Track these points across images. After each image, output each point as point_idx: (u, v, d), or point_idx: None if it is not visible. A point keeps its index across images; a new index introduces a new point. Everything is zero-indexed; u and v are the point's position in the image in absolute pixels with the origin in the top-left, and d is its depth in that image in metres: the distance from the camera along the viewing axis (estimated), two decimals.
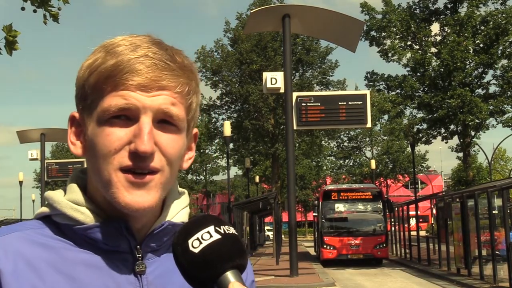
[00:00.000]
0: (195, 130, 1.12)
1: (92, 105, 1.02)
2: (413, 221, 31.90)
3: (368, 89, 30.71)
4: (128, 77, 0.99)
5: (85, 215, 1.03)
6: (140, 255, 1.04)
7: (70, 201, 1.05)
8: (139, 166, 0.99)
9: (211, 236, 0.88)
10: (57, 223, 1.05)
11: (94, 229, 1.02)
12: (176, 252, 0.90)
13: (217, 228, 0.90)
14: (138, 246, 1.04)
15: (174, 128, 1.03)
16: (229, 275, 0.87)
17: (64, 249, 1.02)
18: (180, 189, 1.14)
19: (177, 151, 1.03)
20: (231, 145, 40.00)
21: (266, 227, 58.96)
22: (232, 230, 0.91)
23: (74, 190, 1.07)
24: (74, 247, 1.02)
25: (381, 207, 26.32)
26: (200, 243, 0.88)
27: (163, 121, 1.02)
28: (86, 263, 1.01)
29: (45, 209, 1.07)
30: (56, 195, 1.07)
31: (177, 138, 1.03)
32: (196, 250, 0.87)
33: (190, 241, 0.88)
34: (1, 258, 0.97)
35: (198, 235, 0.89)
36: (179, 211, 1.10)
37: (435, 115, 31.92)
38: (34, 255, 0.99)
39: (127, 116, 1.00)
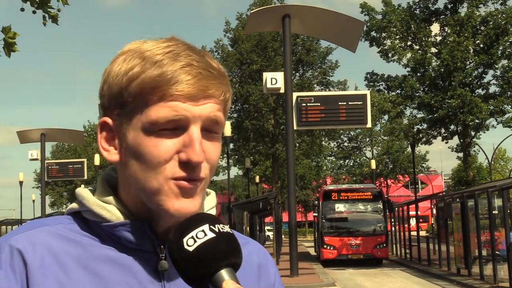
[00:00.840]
0: None
1: (132, 113, 1.02)
2: (413, 221, 31.90)
3: (368, 89, 30.73)
4: (177, 87, 0.99)
5: (111, 213, 1.04)
6: (164, 254, 1.05)
7: (98, 199, 1.07)
8: (191, 176, 1.00)
9: (205, 234, 0.90)
10: (86, 219, 1.07)
11: (119, 227, 1.04)
12: (172, 250, 0.91)
13: (211, 226, 0.91)
14: (161, 246, 1.05)
15: (216, 135, 1.04)
16: (224, 273, 0.88)
17: (90, 245, 1.04)
18: (208, 190, 1.15)
19: (218, 157, 1.06)
20: (231, 145, 40.02)
21: (266, 227, 58.91)
22: (226, 229, 0.92)
23: (103, 188, 1.09)
24: (100, 243, 1.04)
25: (381, 207, 26.33)
26: (195, 241, 0.89)
27: (207, 129, 1.03)
28: (110, 260, 1.03)
29: (74, 205, 1.09)
30: (85, 192, 1.09)
31: (218, 144, 1.05)
32: (191, 249, 0.89)
33: (185, 240, 0.90)
34: (29, 252, 0.99)
35: (193, 233, 0.90)
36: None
37: (435, 115, 31.93)
38: (61, 250, 1.02)
39: (174, 126, 1.01)
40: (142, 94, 1.01)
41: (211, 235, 0.90)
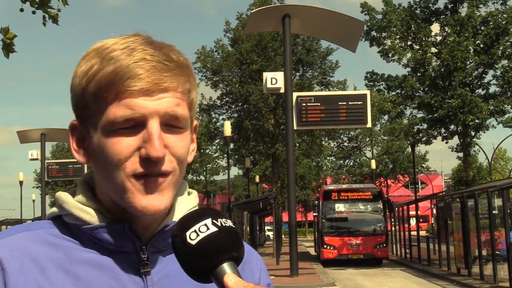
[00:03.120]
0: (195, 122, 1.13)
1: (94, 114, 1.02)
2: (413, 221, 31.90)
3: (368, 89, 30.70)
4: (130, 83, 0.98)
5: (91, 215, 1.04)
6: (146, 256, 1.05)
7: (78, 201, 1.06)
8: (152, 171, 1.00)
9: (208, 228, 0.90)
10: (66, 223, 1.06)
11: (99, 229, 1.03)
12: (175, 244, 0.92)
13: (214, 221, 0.92)
14: (143, 247, 1.05)
15: (180, 129, 1.03)
16: (225, 266, 0.89)
17: (71, 249, 1.03)
18: (190, 190, 1.15)
19: (185, 150, 1.05)
20: (231, 145, 39.99)
21: (266, 227, 58.92)
22: (229, 223, 0.93)
23: (83, 191, 1.08)
24: (81, 246, 1.04)
25: (381, 207, 26.32)
26: (197, 235, 0.90)
27: (168, 123, 1.02)
28: (92, 263, 1.02)
29: (55, 210, 1.09)
30: (65, 195, 1.08)
31: (184, 137, 1.04)
32: (193, 242, 0.90)
33: (188, 233, 0.90)
34: (6, 258, 0.99)
35: (196, 227, 0.91)
36: (186, 212, 1.10)
37: (435, 115, 31.92)
38: (41, 254, 1.01)
39: (133, 124, 1.00)
40: (100, 93, 1.00)
41: (213, 229, 0.90)
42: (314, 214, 30.58)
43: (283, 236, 45.07)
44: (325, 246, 25.78)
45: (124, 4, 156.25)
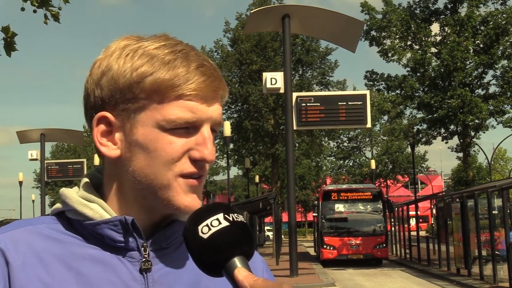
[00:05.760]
0: None
1: (142, 108, 1.03)
2: (413, 221, 31.92)
3: (368, 89, 30.71)
4: (193, 87, 1.01)
5: (94, 211, 1.05)
6: (147, 252, 1.06)
7: (81, 197, 1.07)
8: (201, 173, 1.05)
9: (220, 223, 0.92)
10: (69, 218, 1.07)
11: (101, 225, 1.04)
12: (186, 237, 0.94)
13: (226, 215, 0.93)
14: (145, 244, 1.06)
15: (216, 135, 1.08)
16: (236, 261, 0.91)
17: (74, 244, 1.04)
18: None
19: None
20: (231, 145, 40.01)
21: (266, 227, 58.89)
22: (240, 218, 0.94)
23: (86, 187, 1.09)
24: (83, 242, 1.04)
25: (381, 207, 26.32)
26: (209, 229, 0.91)
27: (213, 128, 1.07)
28: (93, 258, 1.03)
29: (58, 205, 1.10)
30: (68, 191, 1.09)
31: (213, 143, 1.09)
32: (205, 236, 0.91)
33: (199, 227, 0.92)
34: (11, 252, 1.00)
35: (208, 221, 0.92)
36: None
37: (435, 115, 31.93)
38: (44, 249, 1.02)
39: (189, 126, 1.03)
40: (158, 92, 1.02)
41: (225, 223, 0.92)
42: (314, 214, 30.58)
43: (282, 236, 45.08)
44: (325, 246, 25.78)
45: (122, 3, 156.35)
